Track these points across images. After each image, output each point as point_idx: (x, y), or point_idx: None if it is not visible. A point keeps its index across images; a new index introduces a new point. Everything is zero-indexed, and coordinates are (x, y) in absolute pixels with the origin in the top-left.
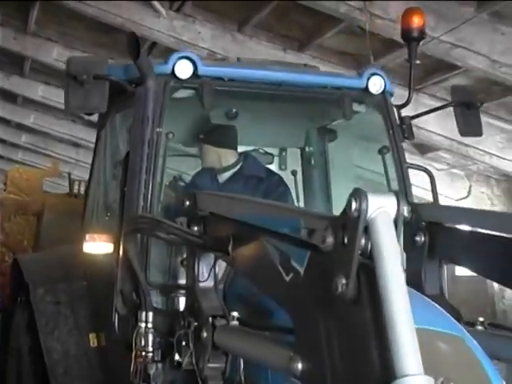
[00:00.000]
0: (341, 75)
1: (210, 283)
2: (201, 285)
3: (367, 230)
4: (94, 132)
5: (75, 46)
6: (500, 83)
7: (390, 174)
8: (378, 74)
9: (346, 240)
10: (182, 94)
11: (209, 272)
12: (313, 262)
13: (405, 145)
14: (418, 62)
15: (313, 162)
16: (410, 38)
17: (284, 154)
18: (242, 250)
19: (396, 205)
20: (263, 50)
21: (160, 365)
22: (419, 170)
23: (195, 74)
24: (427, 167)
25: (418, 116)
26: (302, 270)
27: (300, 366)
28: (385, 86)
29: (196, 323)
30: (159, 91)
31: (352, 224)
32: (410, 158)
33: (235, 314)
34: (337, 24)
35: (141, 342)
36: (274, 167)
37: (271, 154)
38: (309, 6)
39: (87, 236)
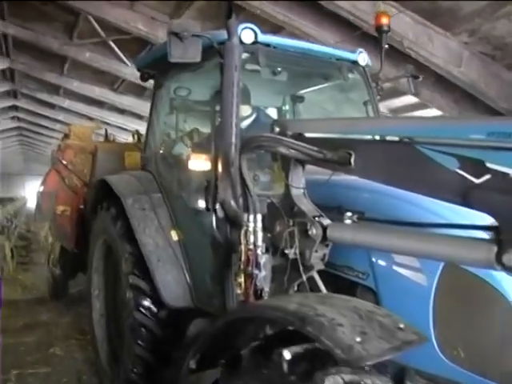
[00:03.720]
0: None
1: (300, 190)
2: (294, 191)
3: None
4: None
5: None
6: None
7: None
8: (364, 52)
9: None
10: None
11: (299, 181)
12: None
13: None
14: (386, 46)
15: (287, 116)
16: (381, 31)
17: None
18: (372, 161)
19: None
20: None
21: (267, 255)
22: None
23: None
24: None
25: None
26: (511, 171)
27: None
28: (367, 61)
29: (303, 222)
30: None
31: None
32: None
33: (349, 214)
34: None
35: (250, 238)
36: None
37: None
38: None
39: (192, 156)
